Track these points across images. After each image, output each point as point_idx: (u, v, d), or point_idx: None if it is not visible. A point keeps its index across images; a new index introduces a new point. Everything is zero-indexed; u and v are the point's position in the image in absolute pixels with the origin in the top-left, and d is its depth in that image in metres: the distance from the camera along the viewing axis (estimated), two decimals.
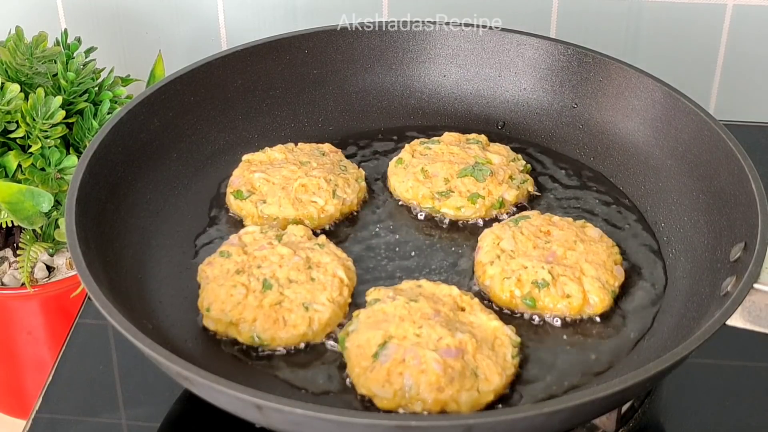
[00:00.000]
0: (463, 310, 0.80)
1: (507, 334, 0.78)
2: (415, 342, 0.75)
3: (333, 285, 0.82)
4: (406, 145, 0.97)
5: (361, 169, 0.96)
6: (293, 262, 0.83)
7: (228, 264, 0.83)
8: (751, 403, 0.84)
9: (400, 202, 0.94)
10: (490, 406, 0.74)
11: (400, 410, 0.74)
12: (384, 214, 0.93)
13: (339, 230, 0.91)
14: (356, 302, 0.83)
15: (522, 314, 0.82)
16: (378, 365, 0.75)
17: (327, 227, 0.91)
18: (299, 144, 0.98)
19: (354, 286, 0.84)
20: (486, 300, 0.84)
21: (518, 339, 0.78)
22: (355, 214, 0.93)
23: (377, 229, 0.91)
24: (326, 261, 0.83)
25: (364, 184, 0.94)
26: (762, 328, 0.75)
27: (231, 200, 0.92)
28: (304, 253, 0.84)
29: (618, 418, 0.80)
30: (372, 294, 0.82)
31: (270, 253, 0.84)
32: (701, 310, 0.78)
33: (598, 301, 0.82)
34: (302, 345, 0.80)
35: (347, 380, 0.77)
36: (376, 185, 0.96)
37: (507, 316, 0.82)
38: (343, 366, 0.78)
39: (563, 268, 0.83)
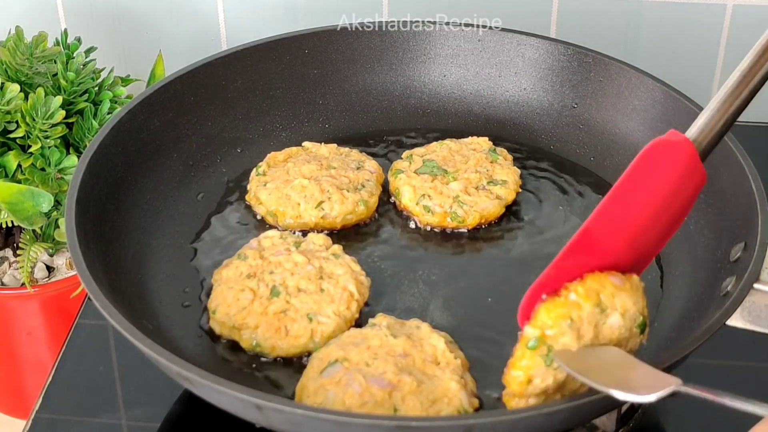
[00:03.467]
0: (437, 364, 0.75)
1: (460, 398, 0.73)
2: (360, 369, 0.73)
3: (342, 298, 0.80)
4: (406, 152, 0.97)
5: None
6: (306, 271, 0.82)
7: (242, 267, 0.83)
8: None
9: (403, 213, 0.93)
10: None
11: None
12: (385, 222, 0.92)
13: (341, 235, 0.91)
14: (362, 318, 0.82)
15: None
16: (319, 378, 0.73)
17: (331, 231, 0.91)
18: (343, 148, 0.98)
19: (364, 302, 0.82)
20: None
21: (469, 409, 0.73)
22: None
23: (381, 238, 0.91)
24: (339, 273, 0.82)
25: (376, 199, 0.93)
26: (762, 328, 0.75)
27: (253, 175, 0.94)
28: (318, 263, 0.83)
29: (618, 418, 0.80)
30: (376, 318, 0.79)
31: (285, 259, 0.83)
32: (701, 310, 0.78)
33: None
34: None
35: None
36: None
37: None
38: None
39: None
